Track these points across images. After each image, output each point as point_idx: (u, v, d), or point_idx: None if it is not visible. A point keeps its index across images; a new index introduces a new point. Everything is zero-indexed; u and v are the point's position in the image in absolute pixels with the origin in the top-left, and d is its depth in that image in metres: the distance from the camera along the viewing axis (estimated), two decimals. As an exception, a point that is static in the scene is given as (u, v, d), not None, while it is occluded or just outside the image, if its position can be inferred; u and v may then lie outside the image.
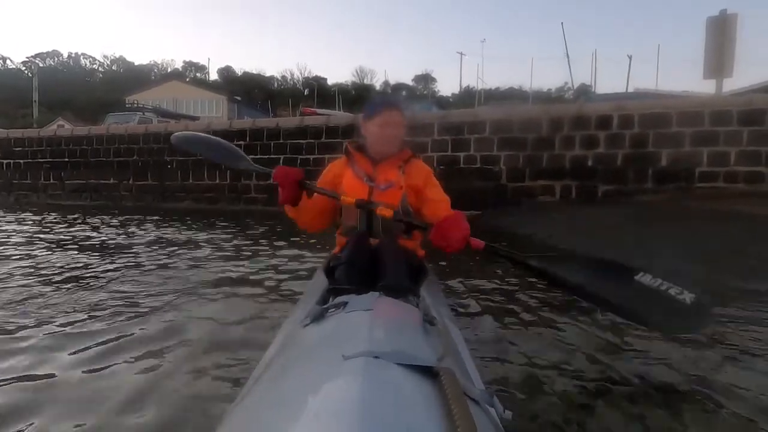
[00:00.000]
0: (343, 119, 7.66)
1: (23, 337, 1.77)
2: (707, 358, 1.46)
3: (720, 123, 5.47)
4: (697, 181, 5.54)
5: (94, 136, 9.16)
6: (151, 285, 2.53)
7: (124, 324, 1.91)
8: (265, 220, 5.84)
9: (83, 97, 38.52)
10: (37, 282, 2.56)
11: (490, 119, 6.49)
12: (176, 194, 8.33)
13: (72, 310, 2.09)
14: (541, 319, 1.81)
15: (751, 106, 5.46)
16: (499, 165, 6.34)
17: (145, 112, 12.80)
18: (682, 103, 5.94)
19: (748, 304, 1.96)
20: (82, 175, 9.15)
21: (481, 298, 2.14)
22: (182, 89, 29.37)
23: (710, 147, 5.49)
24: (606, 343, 1.52)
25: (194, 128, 8.52)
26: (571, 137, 6.03)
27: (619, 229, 3.82)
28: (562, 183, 6.06)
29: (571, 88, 31.75)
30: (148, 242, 4.02)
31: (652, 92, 12.77)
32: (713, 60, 5.96)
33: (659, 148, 5.67)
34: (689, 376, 1.31)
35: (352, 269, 1.35)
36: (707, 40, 6.00)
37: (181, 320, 1.94)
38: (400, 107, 1.69)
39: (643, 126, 5.71)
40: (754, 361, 1.46)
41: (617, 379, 1.29)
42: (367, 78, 56.40)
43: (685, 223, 3.86)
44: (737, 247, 2.87)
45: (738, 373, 1.36)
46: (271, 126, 7.84)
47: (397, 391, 0.53)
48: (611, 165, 5.83)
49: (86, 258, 3.28)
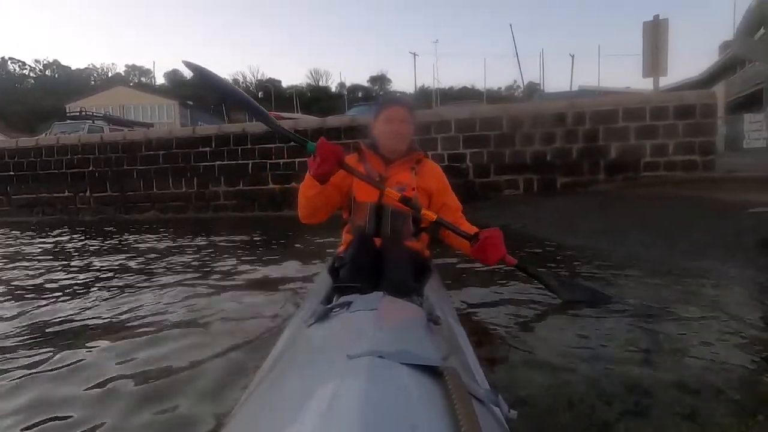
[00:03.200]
0: (311, 122, 7.72)
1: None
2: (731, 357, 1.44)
3: (659, 118, 6.08)
4: (642, 171, 6.12)
5: (42, 147, 8.65)
6: (143, 292, 2.49)
7: (122, 327, 1.91)
8: (239, 227, 5.80)
9: (15, 106, 35.63)
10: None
11: (455, 119, 6.81)
12: (139, 205, 8.05)
13: (64, 318, 2.07)
14: (546, 320, 1.82)
15: (683, 101, 6.11)
16: (465, 162, 6.67)
17: (95, 121, 12.15)
18: (627, 100, 6.53)
19: (695, 279, 2.28)
20: (32, 189, 8.62)
21: (486, 298, 2.14)
22: (129, 95, 27.94)
23: (652, 140, 6.09)
24: (613, 345, 1.53)
25: (153, 136, 8.26)
26: (530, 134, 6.46)
27: (583, 216, 4.22)
28: (524, 177, 6.48)
29: (520, 86, 33.22)
30: (123, 252, 3.95)
31: (596, 89, 13.72)
32: (650, 61, 6.59)
33: (609, 141, 6.21)
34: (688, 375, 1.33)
35: (356, 269, 1.35)
36: (644, 43, 6.62)
37: (180, 321, 1.94)
38: (404, 104, 1.71)
39: (594, 122, 6.23)
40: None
41: (625, 379, 1.28)
42: (322, 80, 56.03)
43: (638, 208, 4.33)
44: (684, 224, 3.31)
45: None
46: (237, 131, 7.76)
47: (402, 391, 0.53)
48: (568, 159, 6.31)
49: (64, 271, 3.19)
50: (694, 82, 20.85)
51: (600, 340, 1.56)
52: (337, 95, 47.31)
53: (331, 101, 40.32)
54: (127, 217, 7.91)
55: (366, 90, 52.15)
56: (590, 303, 1.87)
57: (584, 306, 1.86)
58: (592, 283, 2.18)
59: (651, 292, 2.05)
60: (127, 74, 57.11)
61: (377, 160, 1.68)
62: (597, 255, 2.90)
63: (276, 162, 7.49)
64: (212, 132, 7.94)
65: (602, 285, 2.12)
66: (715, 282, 2.24)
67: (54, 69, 54.72)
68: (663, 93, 6.97)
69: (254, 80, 54.97)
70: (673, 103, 6.08)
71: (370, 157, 1.68)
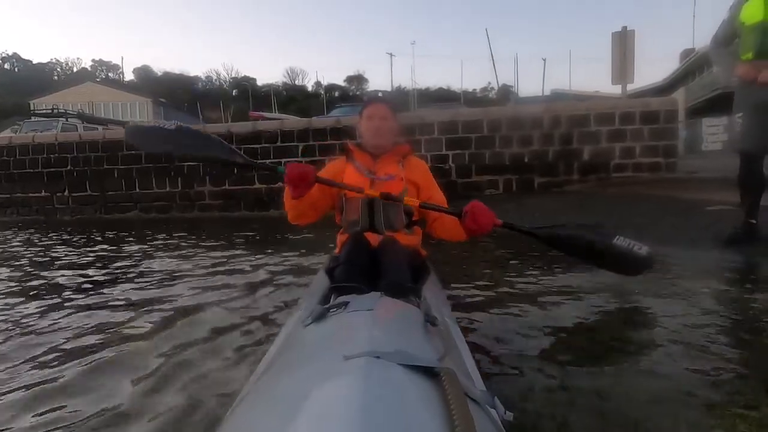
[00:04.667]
0: (297, 124, 7.82)
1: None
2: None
3: (627, 122, 6.52)
4: (612, 172, 6.56)
5: (16, 146, 8.39)
6: (140, 290, 2.49)
7: (119, 328, 1.90)
8: (226, 227, 5.83)
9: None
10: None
11: (438, 121, 7.07)
12: (121, 204, 7.95)
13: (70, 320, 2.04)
14: (544, 320, 1.83)
15: (649, 107, 6.57)
16: (448, 163, 6.94)
17: (69, 118, 11.79)
18: (598, 105, 6.95)
19: (664, 266, 2.56)
20: (5, 189, 8.36)
21: (484, 299, 2.13)
22: (99, 92, 26.85)
23: (621, 143, 6.53)
24: (612, 346, 1.54)
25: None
26: (509, 136, 6.80)
27: (562, 213, 4.55)
28: (504, 177, 6.82)
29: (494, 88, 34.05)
30: (109, 254, 3.97)
31: (569, 92, 14.35)
32: (618, 69, 7.05)
33: (582, 144, 6.61)
34: (688, 375, 1.35)
35: (352, 268, 1.36)
36: (613, 52, 7.07)
37: (178, 322, 1.91)
38: (385, 102, 1.80)
39: (568, 126, 6.62)
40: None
41: (622, 380, 1.29)
42: (298, 79, 55.61)
43: (610, 206, 4.70)
44: (651, 220, 3.66)
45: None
46: (221, 131, 7.75)
47: (398, 392, 0.53)
48: (544, 160, 6.68)
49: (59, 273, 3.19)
50: (657, 87, 21.98)
51: (598, 339, 1.58)
52: (313, 94, 47.10)
53: (308, 100, 40.13)
54: (108, 217, 7.80)
55: (343, 90, 52.09)
56: (587, 251, 1.81)
57: (583, 259, 1.88)
58: (576, 267, 2.40)
59: (629, 278, 2.30)
60: (94, 69, 55.08)
61: (365, 156, 1.74)
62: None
63: (262, 162, 7.54)
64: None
65: (585, 269, 2.35)
66: (681, 267, 2.55)
67: (14, 63, 52.18)
68: (631, 99, 7.44)
69: (228, 78, 54.03)
70: (639, 109, 6.54)
71: (358, 155, 1.74)
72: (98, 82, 32.64)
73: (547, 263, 2.80)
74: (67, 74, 51.31)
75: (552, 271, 2.63)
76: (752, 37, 2.65)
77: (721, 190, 3.91)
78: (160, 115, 25.29)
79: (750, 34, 2.66)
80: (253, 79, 50.96)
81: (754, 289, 2.16)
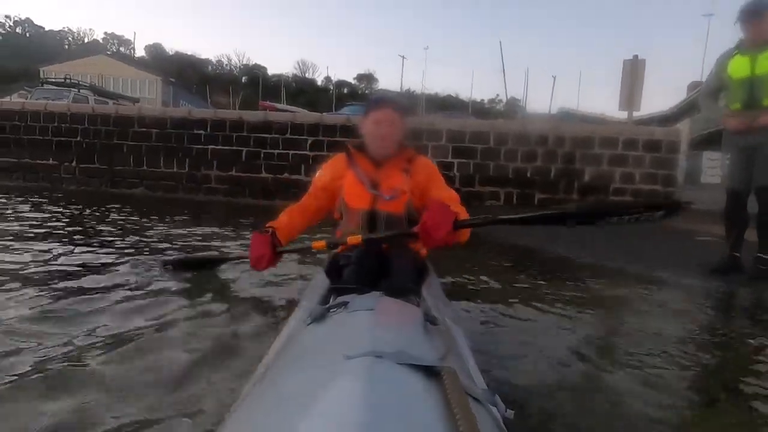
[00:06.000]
0: (308, 118, 7.95)
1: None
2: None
3: (630, 148, 6.70)
4: (611, 195, 6.73)
5: (28, 112, 8.47)
6: (138, 280, 2.35)
7: (117, 324, 1.78)
8: (230, 214, 5.86)
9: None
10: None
11: (446, 129, 7.23)
12: (128, 180, 8.04)
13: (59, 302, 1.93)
14: (545, 319, 1.85)
15: (653, 136, 6.76)
16: (453, 171, 7.09)
17: (81, 90, 11.86)
18: (603, 129, 7.13)
19: (655, 285, 2.76)
20: (13, 154, 8.43)
21: (484, 298, 2.14)
22: (111, 65, 26.64)
23: (622, 167, 6.71)
24: (613, 344, 1.58)
25: (147, 113, 8.26)
26: (514, 151, 6.97)
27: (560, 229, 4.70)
28: (505, 190, 6.98)
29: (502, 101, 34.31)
30: (116, 230, 3.95)
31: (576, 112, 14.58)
32: (626, 96, 7.25)
33: (583, 165, 6.79)
34: (688, 371, 1.45)
35: (362, 270, 1.35)
36: (623, 79, 7.26)
37: (178, 320, 1.83)
38: (394, 106, 1.64)
39: (572, 146, 6.79)
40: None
41: (623, 379, 1.30)
42: (309, 72, 55.71)
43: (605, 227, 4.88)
44: (644, 243, 3.86)
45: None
46: (233, 118, 7.89)
47: (400, 391, 0.53)
48: (546, 177, 6.85)
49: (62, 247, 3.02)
50: (663, 116, 22.26)
51: (606, 340, 1.66)
52: (323, 89, 47.24)
53: (317, 94, 40.31)
54: (113, 191, 7.89)
55: (352, 87, 52.25)
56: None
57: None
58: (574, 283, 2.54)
59: (622, 293, 2.46)
60: (105, 42, 54.94)
61: (367, 162, 1.63)
62: (570, 261, 3.39)
63: (271, 152, 7.67)
64: (208, 116, 8.03)
65: (578, 285, 2.52)
66: (668, 290, 2.76)
67: (25, 27, 51.95)
68: (635, 126, 7.63)
69: (239, 64, 54.01)
70: (643, 137, 6.72)
71: (360, 160, 1.64)
72: (109, 56, 32.50)
73: (548, 270, 2.97)
74: (78, 44, 51.10)
75: (552, 276, 2.81)
76: (740, 91, 2.88)
77: (711, 222, 4.09)
78: (170, 94, 25.19)
79: (738, 88, 2.89)
80: (263, 68, 51.06)
81: (732, 314, 2.35)
